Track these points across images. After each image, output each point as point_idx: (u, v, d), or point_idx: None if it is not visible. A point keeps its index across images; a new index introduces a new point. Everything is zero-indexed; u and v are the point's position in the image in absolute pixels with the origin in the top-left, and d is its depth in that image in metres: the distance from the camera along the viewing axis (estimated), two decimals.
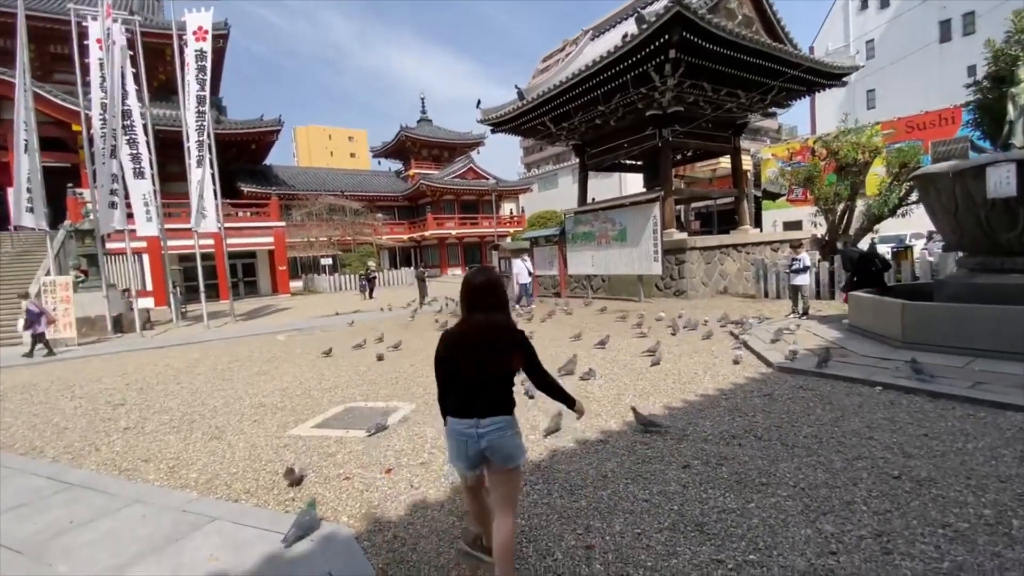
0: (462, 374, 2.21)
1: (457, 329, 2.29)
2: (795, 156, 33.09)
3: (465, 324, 2.26)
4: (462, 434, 2.20)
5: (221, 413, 5.64)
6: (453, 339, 2.27)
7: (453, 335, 2.28)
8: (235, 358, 9.15)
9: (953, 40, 31.44)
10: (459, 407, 2.22)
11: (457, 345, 2.24)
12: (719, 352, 6.91)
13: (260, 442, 4.59)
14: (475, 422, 2.17)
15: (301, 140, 76.26)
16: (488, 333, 2.21)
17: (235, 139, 28.20)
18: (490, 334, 2.21)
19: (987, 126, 8.58)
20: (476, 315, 2.24)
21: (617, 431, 4.22)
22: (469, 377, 2.20)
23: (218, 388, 6.86)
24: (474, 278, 2.31)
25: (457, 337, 2.26)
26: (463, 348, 2.22)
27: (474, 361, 2.18)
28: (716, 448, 3.74)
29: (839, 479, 3.18)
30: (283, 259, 26.62)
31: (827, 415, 4.30)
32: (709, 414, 4.49)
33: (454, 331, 2.30)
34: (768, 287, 12.59)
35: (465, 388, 2.22)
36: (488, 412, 2.18)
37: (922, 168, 6.56)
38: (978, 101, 8.98)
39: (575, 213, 16.02)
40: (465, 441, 2.19)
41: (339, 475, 3.72)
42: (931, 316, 5.82)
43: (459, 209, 39.78)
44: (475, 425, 2.16)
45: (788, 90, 16.07)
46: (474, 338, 2.21)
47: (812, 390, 4.98)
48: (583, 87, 14.74)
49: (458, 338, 2.25)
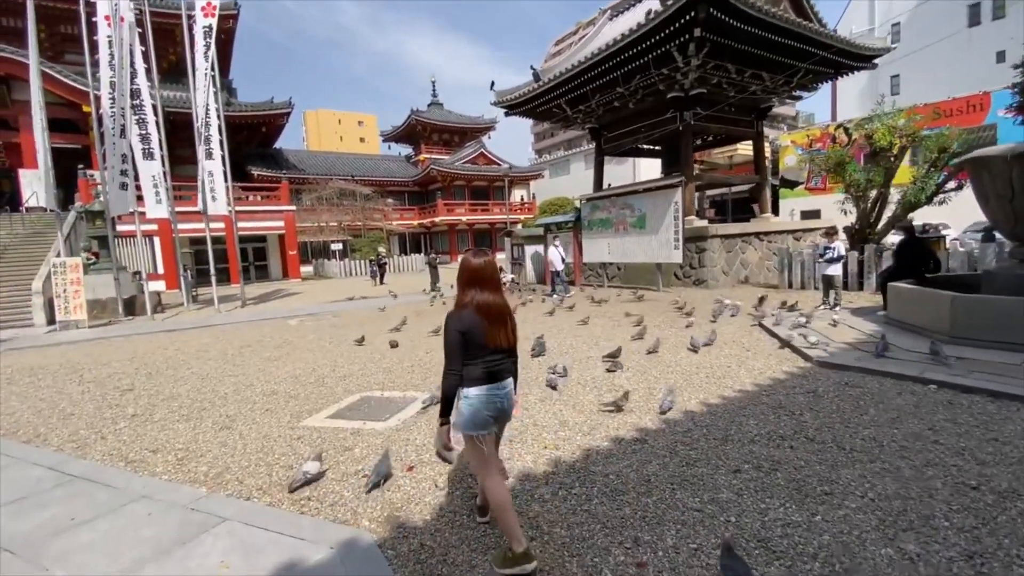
0: (489, 345, 2.36)
1: (476, 305, 2.38)
2: (815, 143, 32.28)
3: (480, 301, 2.39)
4: (495, 397, 2.40)
5: (232, 401, 5.42)
6: (478, 313, 2.37)
7: (476, 310, 2.37)
8: (246, 343, 8.95)
9: (982, 24, 30.20)
10: (489, 375, 2.39)
11: (483, 319, 2.36)
12: (750, 344, 6.57)
13: (273, 433, 4.35)
14: (500, 385, 2.42)
15: (311, 124, 75.88)
16: (503, 308, 2.46)
17: (245, 121, 27.93)
18: (504, 309, 2.46)
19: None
20: (484, 293, 2.40)
21: (654, 429, 3.93)
22: (497, 347, 2.40)
23: (229, 374, 6.65)
24: (475, 259, 2.46)
25: (482, 311, 2.37)
26: (489, 321, 2.37)
27: (501, 333, 2.41)
28: (766, 450, 3.43)
29: (911, 489, 2.87)
30: (293, 243, 26.47)
31: (882, 415, 3.97)
32: (752, 412, 4.18)
33: (472, 307, 2.38)
34: (792, 277, 12.16)
35: (493, 358, 2.40)
36: (507, 377, 2.48)
37: (976, 151, 6.10)
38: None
39: (591, 199, 15.59)
40: (496, 404, 2.41)
41: (357, 472, 3.47)
42: (983, 309, 5.43)
43: (469, 195, 39.34)
44: (501, 387, 2.43)
45: (816, 72, 15.41)
46: (495, 313, 2.40)
47: (860, 387, 4.64)
48: (602, 68, 14.22)
49: (483, 312, 2.37)
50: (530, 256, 17.51)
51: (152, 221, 18.94)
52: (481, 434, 2.40)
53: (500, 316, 2.41)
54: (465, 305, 2.38)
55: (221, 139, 15.41)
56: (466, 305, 2.38)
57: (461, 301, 2.42)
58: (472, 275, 2.42)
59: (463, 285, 2.45)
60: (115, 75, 12.70)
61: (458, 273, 2.47)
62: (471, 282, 2.43)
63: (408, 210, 39.18)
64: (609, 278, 15.64)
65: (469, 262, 2.44)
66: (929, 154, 9.89)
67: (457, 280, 2.49)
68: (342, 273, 29.25)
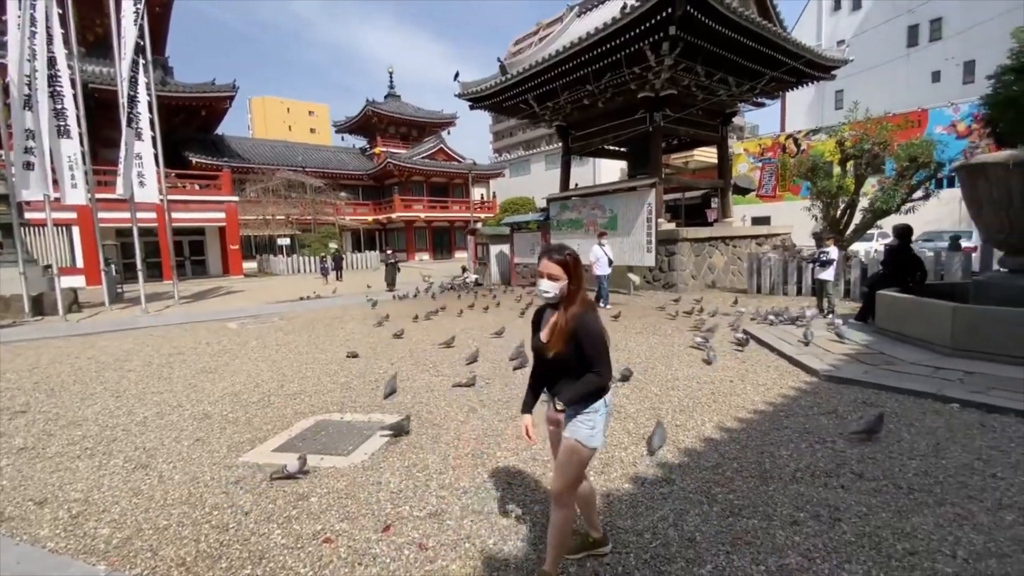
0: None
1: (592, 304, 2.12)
2: (767, 152, 33.45)
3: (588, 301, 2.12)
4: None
5: (152, 427, 4.42)
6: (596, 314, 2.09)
7: (594, 311, 2.10)
8: (176, 350, 7.77)
9: (920, 45, 32.20)
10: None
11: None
12: (745, 356, 6.17)
13: (203, 474, 3.45)
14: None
15: (257, 112, 71.86)
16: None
17: (182, 104, 25.72)
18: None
19: (1008, 122, 8.15)
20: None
21: (678, 464, 3.34)
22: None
23: (152, 391, 5.57)
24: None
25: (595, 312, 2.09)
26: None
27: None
28: (815, 492, 2.91)
29: (1000, 542, 2.40)
30: (235, 237, 24.54)
31: (920, 442, 3.56)
32: (779, 439, 3.68)
33: (590, 306, 2.10)
34: (761, 282, 12.10)
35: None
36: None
37: (976, 158, 5.96)
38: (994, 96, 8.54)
39: (559, 198, 15.09)
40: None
41: (316, 534, 2.66)
42: (988, 321, 5.23)
43: (428, 191, 38.16)
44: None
45: (779, 80, 15.62)
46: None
47: (880, 407, 4.25)
48: (573, 63, 13.73)
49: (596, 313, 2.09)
50: (495, 256, 16.83)
51: (69, 208, 16.90)
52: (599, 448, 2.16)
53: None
54: (587, 300, 2.12)
55: (152, 118, 13.82)
56: (587, 300, 2.12)
57: (587, 298, 2.14)
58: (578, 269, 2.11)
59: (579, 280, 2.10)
60: (25, 38, 10.98)
61: (581, 268, 2.12)
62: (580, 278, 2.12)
63: (362, 205, 37.52)
64: None
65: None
66: (899, 163, 9.99)
67: (580, 277, 2.11)
68: (289, 270, 27.47)
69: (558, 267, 2.04)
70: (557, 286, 2.04)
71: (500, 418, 4.29)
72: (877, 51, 32.53)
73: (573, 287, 2.05)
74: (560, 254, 2.06)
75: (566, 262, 2.05)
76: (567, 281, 2.04)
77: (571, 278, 2.05)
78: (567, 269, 2.04)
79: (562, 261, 2.04)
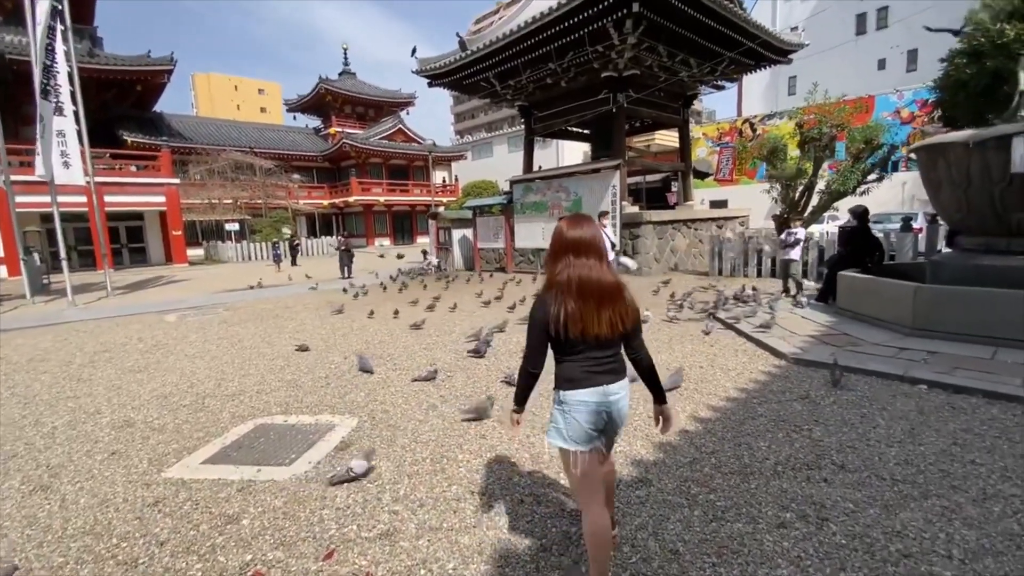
0: (590, 336, 1.83)
1: (570, 282, 1.83)
2: (724, 136, 34.05)
3: (574, 277, 1.83)
4: (600, 406, 1.87)
5: (62, 439, 3.86)
6: (572, 294, 1.82)
7: (568, 289, 1.82)
8: (103, 347, 7.02)
9: (868, 33, 33.28)
10: (591, 376, 1.87)
11: (579, 301, 1.81)
12: (712, 339, 6.06)
13: (115, 495, 2.97)
14: (607, 390, 1.88)
15: (201, 89, 67.66)
16: (610, 286, 1.86)
17: (114, 77, 23.70)
18: (612, 287, 1.86)
19: (958, 104, 8.32)
20: (581, 264, 1.84)
21: (652, 461, 3.11)
22: (602, 338, 1.85)
23: (67, 395, 4.94)
24: (571, 227, 1.91)
25: (579, 291, 1.82)
26: (590, 303, 1.82)
27: (606, 318, 1.84)
28: (799, 488, 2.73)
29: (992, 537, 2.28)
30: (178, 223, 22.99)
31: (895, 427, 3.46)
32: (755, 429, 3.51)
33: (564, 286, 1.83)
34: (723, 264, 12.19)
35: (598, 353, 1.88)
36: (618, 377, 1.92)
37: (936, 137, 5.98)
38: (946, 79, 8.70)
39: (522, 180, 14.72)
40: (602, 414, 1.89)
41: (244, 567, 2.27)
42: (948, 301, 5.27)
43: (387, 174, 36.93)
44: (609, 392, 1.88)
45: (738, 63, 15.69)
46: (598, 291, 1.83)
47: (851, 390, 4.17)
48: (535, 39, 13.28)
49: (580, 292, 1.82)
50: (457, 240, 16.36)
51: None
52: (580, 450, 1.87)
53: (596, 297, 1.82)
54: (556, 284, 1.85)
55: (73, 91, 12.55)
56: (557, 284, 1.84)
57: (551, 278, 1.88)
58: (566, 244, 1.88)
59: (554, 257, 1.91)
60: None
61: (550, 244, 1.94)
62: (564, 251, 1.88)
63: (317, 188, 36.00)
64: (542, 265, 14.93)
65: (562, 230, 1.90)
66: (854, 145, 10.13)
67: (548, 253, 1.96)
68: (239, 257, 26.07)
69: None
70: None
71: (464, 416, 3.96)
72: (828, 39, 33.39)
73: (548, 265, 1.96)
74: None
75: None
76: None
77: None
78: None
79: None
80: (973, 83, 8.01)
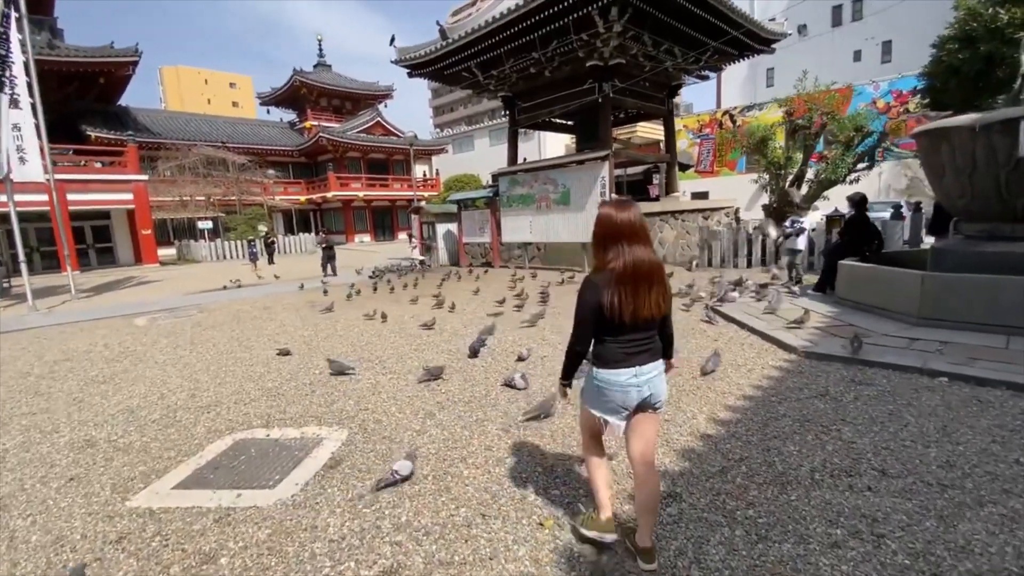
0: (629, 319, 1.91)
1: (616, 267, 1.90)
2: (705, 128, 34.17)
3: (621, 263, 1.90)
4: (631, 387, 1.98)
5: (13, 463, 3.42)
6: (618, 279, 1.89)
7: (615, 274, 1.90)
8: (65, 355, 6.49)
9: (843, 25, 33.64)
10: (627, 357, 1.98)
11: (623, 286, 1.89)
12: (717, 334, 5.84)
13: (72, 531, 2.58)
14: (640, 371, 1.99)
15: (170, 84, 65.33)
16: (653, 269, 1.94)
17: (76, 69, 22.57)
18: (655, 271, 1.95)
19: (950, 90, 8.26)
20: (629, 252, 1.91)
21: (678, 472, 2.84)
22: (642, 321, 1.95)
23: (22, 411, 4.46)
24: (620, 211, 1.95)
25: (624, 276, 1.89)
26: (633, 287, 1.90)
27: (646, 302, 1.93)
28: (843, 498, 2.49)
29: None
30: (147, 221, 22.03)
31: (927, 424, 3.26)
32: (780, 431, 3.27)
33: (611, 271, 1.91)
34: (712, 256, 12.06)
35: (635, 336, 1.98)
36: (653, 359, 2.05)
37: (940, 121, 5.83)
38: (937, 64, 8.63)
39: (507, 172, 14.37)
40: (632, 394, 1.99)
41: None
42: (955, 288, 5.13)
43: (366, 168, 36.10)
44: (641, 374, 1.99)
45: (722, 52, 15.58)
46: (642, 276, 1.91)
47: (871, 384, 3.98)
48: (519, 27, 12.90)
49: (626, 277, 1.89)
50: (442, 235, 15.95)
51: None
52: (601, 416, 2.06)
53: (648, 280, 1.92)
54: (610, 269, 1.92)
55: (30, 82, 11.79)
56: (612, 269, 1.92)
57: (603, 263, 1.96)
58: (618, 229, 1.93)
59: (604, 242, 1.97)
60: None
61: (597, 228, 2.00)
62: (616, 236, 1.93)
63: (294, 184, 35.02)
64: (529, 259, 14.63)
65: (611, 215, 1.95)
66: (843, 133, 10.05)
67: (596, 237, 2.01)
68: (213, 256, 25.16)
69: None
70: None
71: (463, 423, 3.64)
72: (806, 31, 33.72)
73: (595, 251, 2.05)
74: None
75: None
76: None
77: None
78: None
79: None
80: (966, 68, 7.95)
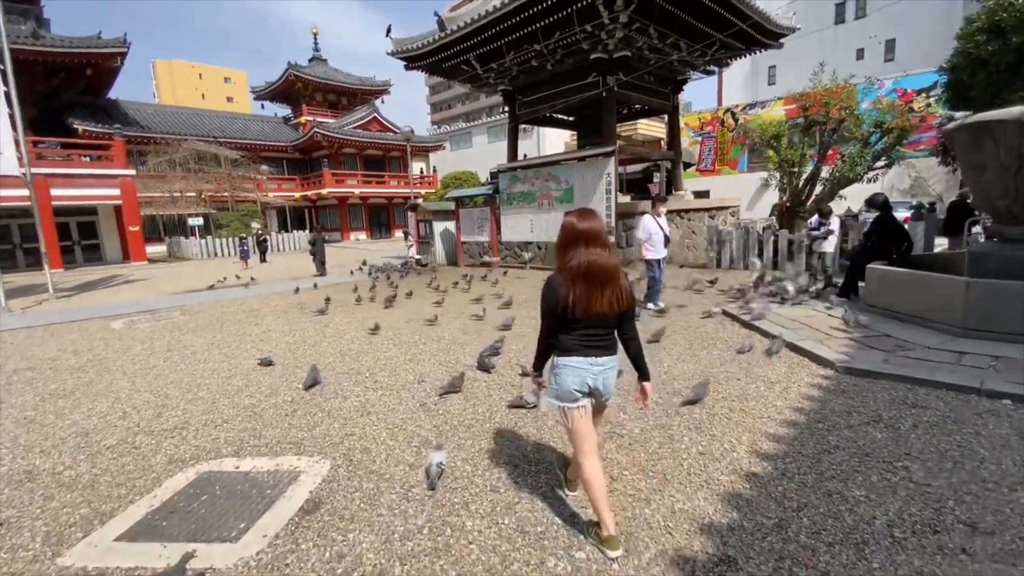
0: (583, 314, 2.12)
1: (571, 268, 2.12)
2: (706, 126, 33.77)
3: (575, 264, 2.12)
4: (586, 374, 2.20)
5: None
6: (572, 278, 2.12)
7: (570, 274, 2.13)
8: (28, 363, 5.96)
9: (847, 23, 33.26)
10: (583, 348, 2.19)
11: (578, 284, 2.11)
12: (738, 343, 5.37)
13: None
14: (595, 361, 2.19)
15: (163, 78, 64.45)
16: (607, 271, 2.13)
17: (61, 60, 21.88)
18: (608, 272, 2.13)
19: (979, 84, 7.80)
20: (582, 255, 2.12)
21: (725, 523, 2.36)
22: (595, 316, 2.14)
23: None
24: (579, 220, 2.20)
25: (578, 275, 2.11)
26: (587, 286, 2.11)
27: (597, 300, 2.11)
28: (936, 567, 2.02)
29: None
30: (135, 217, 21.39)
31: (1004, 459, 2.80)
32: (835, 467, 2.79)
33: (567, 271, 2.14)
34: (722, 256, 11.60)
35: (591, 331, 2.19)
36: (607, 352, 2.23)
37: (983, 114, 5.37)
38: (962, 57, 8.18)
39: (508, 169, 13.86)
40: (587, 380, 2.20)
41: None
42: (1004, 296, 4.67)
43: (362, 165, 35.48)
44: (596, 364, 2.20)
45: (729, 46, 15.09)
46: (593, 276, 2.11)
47: (925, 408, 3.51)
48: (519, 17, 12.38)
49: (579, 276, 2.11)
50: (439, 233, 15.42)
51: None
52: (568, 406, 2.23)
53: (600, 280, 2.10)
54: (567, 269, 2.14)
55: (4, 70, 11.22)
56: (568, 269, 2.13)
57: (563, 264, 2.17)
58: (578, 235, 2.16)
59: (565, 247, 2.19)
60: None
61: (561, 236, 2.21)
62: (576, 241, 2.16)
63: (288, 180, 34.36)
64: (529, 259, 14.14)
65: (574, 223, 2.18)
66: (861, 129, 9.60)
67: (559, 243, 2.22)
68: (204, 253, 24.52)
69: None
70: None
71: (466, 454, 3.15)
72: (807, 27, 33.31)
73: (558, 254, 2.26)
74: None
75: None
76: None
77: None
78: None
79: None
80: (995, 61, 7.47)
